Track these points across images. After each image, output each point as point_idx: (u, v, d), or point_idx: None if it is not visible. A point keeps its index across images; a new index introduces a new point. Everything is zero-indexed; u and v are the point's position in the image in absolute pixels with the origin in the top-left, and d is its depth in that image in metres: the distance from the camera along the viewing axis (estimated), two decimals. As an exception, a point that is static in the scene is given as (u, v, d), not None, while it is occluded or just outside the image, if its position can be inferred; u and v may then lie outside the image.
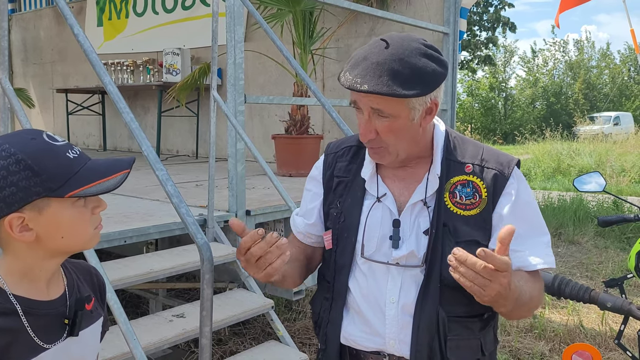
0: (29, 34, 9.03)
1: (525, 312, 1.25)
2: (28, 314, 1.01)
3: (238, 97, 3.02)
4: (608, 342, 3.68)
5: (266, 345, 2.83)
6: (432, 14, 5.13)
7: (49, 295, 1.06)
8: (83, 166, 1.01)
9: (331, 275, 1.36)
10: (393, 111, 1.20)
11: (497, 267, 1.03)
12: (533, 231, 1.28)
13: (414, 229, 1.29)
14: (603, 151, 13.68)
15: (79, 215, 1.02)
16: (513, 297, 1.13)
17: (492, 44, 25.80)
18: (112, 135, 7.80)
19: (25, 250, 1.01)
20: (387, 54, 1.18)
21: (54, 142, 1.00)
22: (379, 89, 1.15)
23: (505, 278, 1.05)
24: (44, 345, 1.02)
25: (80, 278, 1.16)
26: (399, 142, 1.25)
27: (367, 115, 1.23)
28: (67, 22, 2.08)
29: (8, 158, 0.95)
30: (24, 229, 0.98)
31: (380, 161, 1.30)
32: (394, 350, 1.29)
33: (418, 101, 1.21)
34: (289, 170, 4.83)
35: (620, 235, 6.59)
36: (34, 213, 0.97)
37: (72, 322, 1.06)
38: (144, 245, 3.44)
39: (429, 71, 1.18)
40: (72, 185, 0.98)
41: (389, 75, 1.15)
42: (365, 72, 1.17)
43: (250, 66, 5.93)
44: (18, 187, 0.95)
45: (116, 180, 1.03)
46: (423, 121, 1.26)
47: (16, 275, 1.02)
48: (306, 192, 1.48)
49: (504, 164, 1.29)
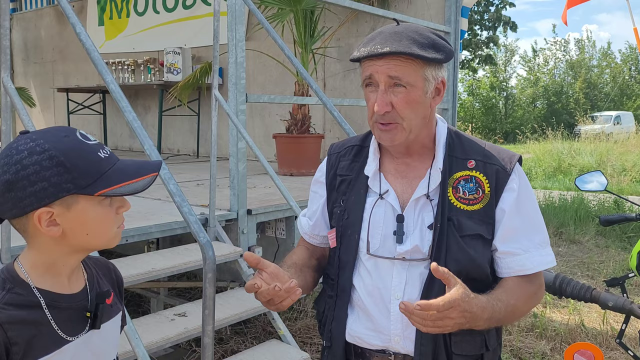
0: (30, 33, 9.04)
1: (511, 320, 1.30)
2: (51, 307, 1.03)
3: (239, 96, 3.02)
4: (609, 341, 3.67)
5: (268, 344, 2.83)
6: (434, 13, 5.13)
7: (70, 289, 1.08)
8: (113, 166, 1.04)
9: (335, 273, 1.37)
10: (411, 79, 1.23)
11: (438, 310, 1.08)
12: (532, 228, 1.30)
13: (418, 224, 1.30)
14: (604, 150, 13.67)
15: (104, 214, 1.05)
16: (483, 318, 1.17)
17: (493, 43, 25.76)
18: (113, 135, 7.80)
19: (50, 244, 1.03)
20: (402, 26, 1.26)
21: (86, 141, 1.03)
22: (402, 48, 1.20)
23: (454, 313, 1.10)
24: (67, 338, 1.05)
25: (99, 273, 1.19)
26: (413, 116, 1.27)
27: (383, 87, 1.25)
28: (69, 21, 2.08)
29: (42, 153, 0.98)
30: (52, 224, 1.00)
31: (392, 140, 1.30)
32: (399, 346, 1.29)
33: (432, 72, 1.25)
34: (290, 170, 4.83)
35: (622, 234, 6.58)
36: (63, 209, 1.00)
37: (93, 315, 1.09)
38: (145, 244, 3.45)
39: (442, 43, 1.26)
40: (102, 184, 1.01)
41: (409, 40, 1.22)
42: (385, 39, 1.23)
43: (251, 65, 5.94)
44: (50, 182, 0.97)
45: (145, 182, 1.06)
46: (432, 101, 1.30)
47: (40, 269, 1.05)
48: (311, 193, 1.50)
49: (506, 160, 1.31)
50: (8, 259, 2.22)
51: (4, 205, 1.00)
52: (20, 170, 0.97)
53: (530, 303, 1.32)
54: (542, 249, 1.30)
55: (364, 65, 1.28)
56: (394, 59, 1.22)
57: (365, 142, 1.43)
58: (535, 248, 1.29)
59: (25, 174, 0.97)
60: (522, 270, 1.28)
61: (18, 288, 1.01)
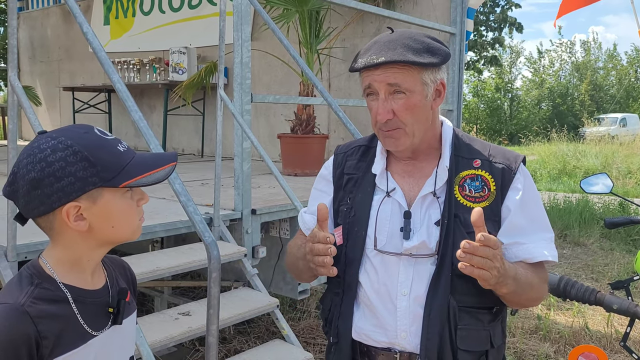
0: (36, 32, 9.07)
1: (527, 298, 1.30)
2: (77, 302, 1.06)
3: (245, 96, 3.02)
4: (614, 344, 3.66)
5: (271, 344, 2.84)
6: (439, 14, 5.12)
7: (93, 285, 1.11)
8: (132, 159, 1.07)
9: (342, 269, 1.37)
10: (409, 85, 1.25)
11: (492, 246, 1.12)
12: (538, 226, 1.32)
13: (424, 221, 1.31)
14: (609, 153, 13.62)
15: (127, 206, 1.08)
16: (511, 275, 1.20)
17: (499, 44, 25.66)
18: (119, 133, 7.82)
19: (77, 239, 1.05)
20: (396, 34, 1.28)
21: (105, 137, 1.06)
22: (396, 57, 1.22)
23: (499, 255, 1.15)
24: (93, 333, 1.07)
25: (116, 271, 1.21)
26: (415, 120, 1.29)
27: (383, 95, 1.27)
28: (76, 20, 2.09)
29: (66, 150, 1.00)
30: (79, 219, 1.03)
31: (396, 146, 1.32)
32: (405, 343, 1.30)
33: (430, 76, 1.27)
34: (294, 170, 4.83)
35: (627, 237, 6.56)
36: (89, 203, 1.02)
37: (116, 311, 1.12)
38: (150, 243, 3.46)
39: (437, 46, 1.27)
40: (125, 175, 1.04)
41: (403, 48, 1.24)
42: (379, 49, 1.25)
43: (256, 65, 5.94)
44: (76, 177, 1.00)
45: (165, 172, 1.09)
46: (434, 103, 1.31)
47: (66, 265, 1.07)
48: (315, 191, 1.51)
49: (511, 159, 1.34)
50: (14, 257, 2.23)
51: (30, 204, 1.01)
52: (46, 167, 0.99)
53: (541, 288, 1.33)
54: (547, 244, 1.31)
55: (363, 75, 1.31)
56: (391, 67, 1.24)
57: (372, 142, 1.45)
58: (540, 240, 1.31)
59: (51, 171, 0.99)
60: (528, 258, 1.29)
61: (45, 283, 1.04)
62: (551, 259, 1.29)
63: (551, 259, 1.29)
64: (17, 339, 0.96)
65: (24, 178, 1.00)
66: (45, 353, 0.99)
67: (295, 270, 1.49)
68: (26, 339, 0.97)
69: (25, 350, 0.97)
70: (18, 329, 0.96)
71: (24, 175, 1.00)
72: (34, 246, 2.29)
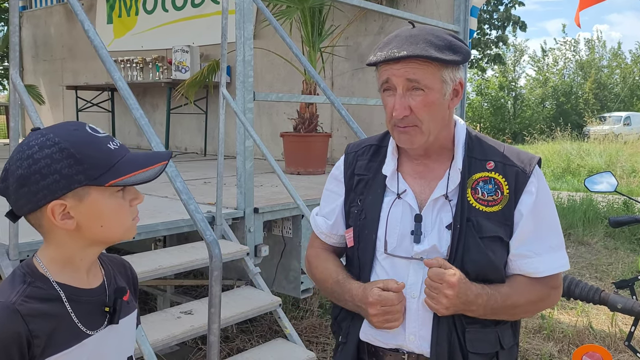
0: (39, 30, 9.08)
1: (511, 316, 1.30)
2: (71, 301, 1.04)
3: (247, 94, 3.01)
4: (618, 343, 3.64)
5: (273, 343, 2.83)
6: (443, 12, 5.10)
7: (89, 284, 1.10)
8: (123, 157, 1.04)
9: (356, 273, 1.36)
10: (428, 82, 1.23)
11: (430, 277, 1.21)
12: (548, 231, 1.30)
13: (436, 224, 1.29)
14: (613, 151, 13.58)
15: (117, 206, 1.05)
16: (477, 303, 1.21)
17: (502, 42, 25.57)
18: (121, 132, 7.83)
19: (66, 238, 1.04)
20: (418, 29, 1.25)
21: (95, 134, 1.04)
22: (418, 51, 1.20)
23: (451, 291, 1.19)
24: (87, 332, 1.06)
25: (115, 270, 1.20)
26: (432, 118, 1.26)
27: (401, 91, 1.24)
28: (78, 18, 2.08)
29: (52, 147, 0.99)
30: (66, 217, 1.01)
31: (411, 143, 1.29)
32: (414, 346, 1.29)
33: (449, 74, 1.25)
34: (297, 168, 4.82)
35: (631, 236, 6.53)
36: (75, 201, 1.01)
37: (112, 310, 1.10)
38: (152, 241, 3.46)
39: (459, 44, 1.26)
40: (112, 174, 1.02)
41: (425, 43, 1.21)
42: (401, 43, 1.22)
43: (259, 64, 5.93)
44: (61, 174, 0.98)
45: (154, 171, 1.07)
46: (451, 102, 1.29)
47: (59, 264, 1.06)
48: (327, 192, 1.49)
49: (525, 162, 1.31)
50: (16, 256, 2.23)
51: (19, 201, 1.01)
52: (32, 164, 0.98)
53: (539, 305, 1.33)
54: (556, 253, 1.30)
55: (380, 69, 1.27)
56: (412, 62, 1.21)
57: (383, 142, 1.43)
58: (548, 252, 1.29)
59: (37, 168, 0.98)
60: (533, 273, 1.28)
61: (38, 282, 1.03)
62: (557, 271, 1.28)
63: (557, 271, 1.28)
64: (7, 338, 0.95)
65: (14, 175, 0.99)
66: (37, 352, 0.98)
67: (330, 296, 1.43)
68: (17, 338, 0.96)
69: (16, 349, 0.96)
70: (8, 328, 0.96)
71: (13, 172, 0.99)
72: (36, 244, 2.29)
